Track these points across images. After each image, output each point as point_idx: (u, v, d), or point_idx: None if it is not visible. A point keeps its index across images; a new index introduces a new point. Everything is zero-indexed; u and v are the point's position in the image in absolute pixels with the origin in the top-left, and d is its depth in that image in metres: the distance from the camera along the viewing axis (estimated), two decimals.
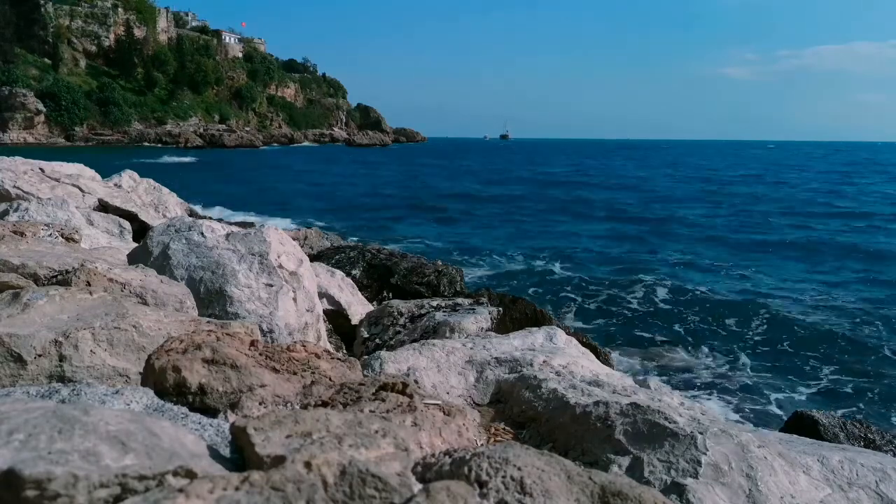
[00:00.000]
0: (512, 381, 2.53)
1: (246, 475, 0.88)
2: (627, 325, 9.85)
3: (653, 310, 10.63)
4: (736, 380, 7.71)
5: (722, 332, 9.57)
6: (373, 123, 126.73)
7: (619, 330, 9.63)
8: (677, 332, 9.51)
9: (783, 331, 9.63)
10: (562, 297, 11.43)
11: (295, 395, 1.49)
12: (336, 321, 4.84)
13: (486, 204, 26.71)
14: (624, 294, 11.62)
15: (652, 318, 10.15)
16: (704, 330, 9.62)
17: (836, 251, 16.83)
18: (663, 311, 10.59)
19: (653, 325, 9.82)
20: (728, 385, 7.56)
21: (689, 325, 9.85)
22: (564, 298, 11.33)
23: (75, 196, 6.07)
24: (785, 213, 24.71)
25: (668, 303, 11.09)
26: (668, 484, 1.81)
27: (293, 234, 8.95)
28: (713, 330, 9.64)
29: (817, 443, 2.45)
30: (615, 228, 20.69)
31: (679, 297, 11.42)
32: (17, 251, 2.70)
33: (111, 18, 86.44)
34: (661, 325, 9.82)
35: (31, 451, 0.85)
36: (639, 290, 11.87)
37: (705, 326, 9.81)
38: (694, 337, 9.25)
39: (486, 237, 18.51)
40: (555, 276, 13.36)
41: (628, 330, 9.63)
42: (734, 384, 7.58)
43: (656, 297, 11.49)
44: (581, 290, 11.99)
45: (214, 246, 3.25)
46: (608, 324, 9.92)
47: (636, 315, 10.36)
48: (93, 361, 1.70)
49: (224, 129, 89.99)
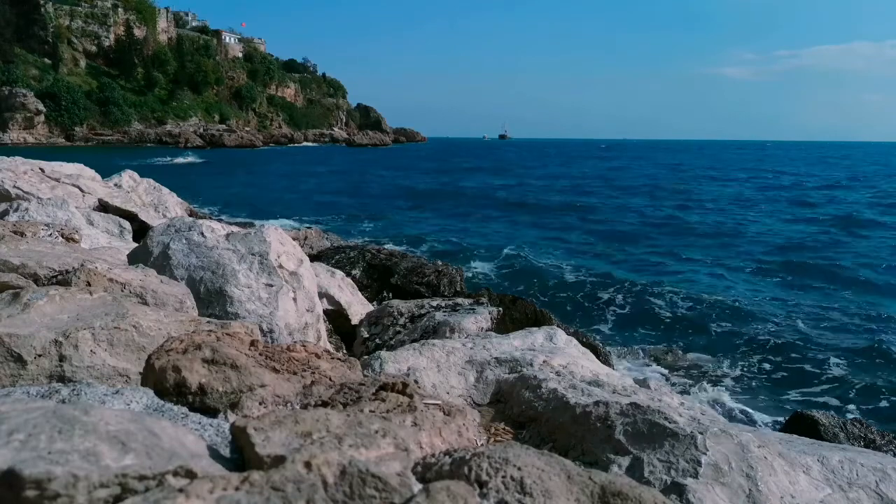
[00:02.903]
0: (512, 381, 2.53)
1: (246, 475, 0.88)
2: (627, 325, 9.85)
3: (653, 310, 10.63)
4: (736, 380, 7.71)
5: (722, 332, 9.56)
6: (373, 123, 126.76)
7: (619, 330, 9.63)
8: (678, 332, 9.51)
9: (784, 331, 9.63)
10: (562, 297, 11.43)
11: (295, 395, 1.50)
12: (336, 321, 4.85)
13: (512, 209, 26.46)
14: (624, 294, 11.62)
15: (652, 319, 10.14)
16: (705, 330, 9.62)
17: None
18: (664, 311, 10.59)
19: (653, 326, 9.82)
20: (728, 385, 7.55)
21: (689, 326, 9.85)
22: (565, 298, 11.32)
23: (75, 196, 6.07)
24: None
25: (668, 303, 11.09)
26: (668, 484, 1.81)
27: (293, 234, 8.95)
28: (713, 330, 9.64)
29: (817, 443, 2.45)
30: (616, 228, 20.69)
31: (679, 298, 11.42)
32: (17, 251, 2.70)
33: (111, 18, 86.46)
34: (662, 326, 9.82)
35: (31, 451, 0.85)
36: (639, 291, 11.86)
37: (706, 327, 9.80)
38: (694, 337, 9.25)
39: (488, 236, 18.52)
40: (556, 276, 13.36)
41: (628, 330, 9.63)
42: (734, 384, 7.58)
43: (656, 297, 11.48)
44: (581, 290, 11.99)
45: (214, 246, 3.26)
46: (608, 324, 9.92)
47: (636, 315, 10.35)
48: (93, 361, 1.70)
49: (224, 129, 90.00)
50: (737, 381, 7.68)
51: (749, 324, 9.96)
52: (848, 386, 7.68)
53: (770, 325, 9.89)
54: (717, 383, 7.58)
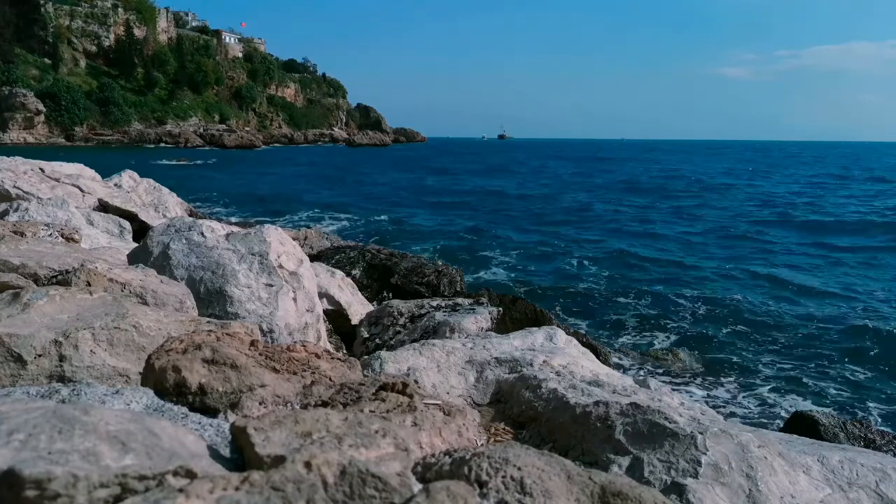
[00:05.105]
0: (512, 381, 2.53)
1: (246, 475, 0.88)
2: (628, 325, 9.85)
3: (653, 310, 10.63)
4: (736, 380, 7.71)
5: (722, 332, 9.56)
6: (373, 123, 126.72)
7: (619, 330, 9.63)
8: (678, 332, 9.51)
9: (784, 332, 9.63)
10: (562, 297, 11.43)
11: (295, 395, 1.50)
12: (336, 321, 4.85)
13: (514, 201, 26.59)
14: (624, 294, 11.62)
15: (652, 319, 10.14)
16: (705, 330, 9.62)
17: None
18: (664, 311, 10.59)
19: (653, 326, 9.82)
20: (728, 385, 7.56)
21: (689, 326, 9.85)
22: (565, 298, 11.32)
23: (75, 196, 6.07)
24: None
25: (668, 303, 11.09)
26: (668, 484, 1.81)
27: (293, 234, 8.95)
28: (713, 330, 9.64)
29: (817, 443, 2.45)
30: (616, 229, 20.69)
31: (680, 298, 11.43)
32: (17, 251, 2.70)
33: (111, 18, 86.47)
34: (662, 326, 9.82)
35: (31, 450, 0.85)
36: (639, 291, 11.87)
37: (706, 327, 9.81)
38: (695, 337, 9.25)
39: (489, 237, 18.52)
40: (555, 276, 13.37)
41: (628, 330, 9.63)
42: (734, 384, 7.58)
43: (657, 298, 11.49)
44: (582, 290, 11.99)
45: (214, 246, 3.25)
46: (608, 324, 9.91)
47: (637, 315, 10.35)
48: (93, 361, 1.70)
49: (224, 129, 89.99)
50: (737, 380, 7.68)
51: (749, 324, 9.97)
52: (848, 386, 7.69)
53: (770, 325, 9.90)
54: (716, 383, 7.58)
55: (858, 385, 7.70)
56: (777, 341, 9.11)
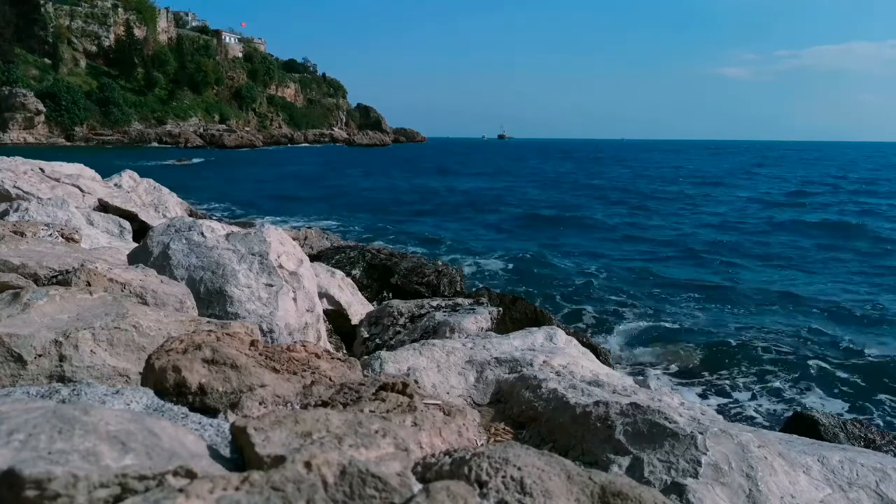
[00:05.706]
0: (512, 381, 2.53)
1: (246, 475, 0.88)
2: (628, 326, 9.84)
3: (653, 311, 10.63)
4: (736, 380, 7.70)
5: (722, 332, 9.56)
6: (373, 123, 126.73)
7: (619, 330, 9.62)
8: (678, 332, 9.51)
9: (784, 331, 9.63)
10: (562, 297, 11.43)
11: (295, 395, 1.50)
12: (336, 321, 4.85)
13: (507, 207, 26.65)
14: (624, 295, 11.62)
15: (652, 319, 10.14)
16: (705, 330, 9.62)
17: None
18: (664, 312, 10.59)
19: (653, 326, 9.81)
20: (728, 385, 7.55)
21: (689, 326, 9.85)
22: (564, 298, 11.32)
23: (75, 196, 6.07)
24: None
25: (668, 304, 11.09)
26: (668, 484, 1.81)
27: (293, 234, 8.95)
28: (714, 330, 9.63)
29: (817, 443, 2.45)
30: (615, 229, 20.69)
31: (680, 298, 11.42)
32: (17, 251, 2.70)
33: (111, 18, 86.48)
34: (662, 326, 9.81)
35: (31, 450, 0.85)
36: (639, 292, 11.87)
37: (706, 327, 9.80)
38: (695, 337, 9.24)
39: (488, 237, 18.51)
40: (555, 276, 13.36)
41: (629, 330, 9.63)
42: (734, 384, 7.58)
43: (657, 298, 11.49)
44: (581, 290, 11.99)
45: (214, 246, 3.25)
46: (608, 324, 9.91)
47: (636, 316, 10.35)
48: (93, 361, 1.70)
49: (224, 129, 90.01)
50: (737, 380, 7.67)
51: (749, 324, 9.97)
52: (848, 386, 7.68)
53: (770, 325, 9.89)
54: (716, 383, 7.58)
55: (859, 385, 7.69)
56: (777, 342, 9.11)
